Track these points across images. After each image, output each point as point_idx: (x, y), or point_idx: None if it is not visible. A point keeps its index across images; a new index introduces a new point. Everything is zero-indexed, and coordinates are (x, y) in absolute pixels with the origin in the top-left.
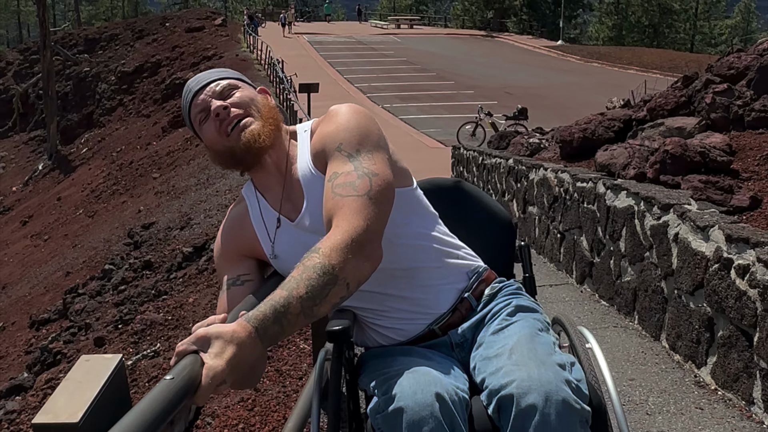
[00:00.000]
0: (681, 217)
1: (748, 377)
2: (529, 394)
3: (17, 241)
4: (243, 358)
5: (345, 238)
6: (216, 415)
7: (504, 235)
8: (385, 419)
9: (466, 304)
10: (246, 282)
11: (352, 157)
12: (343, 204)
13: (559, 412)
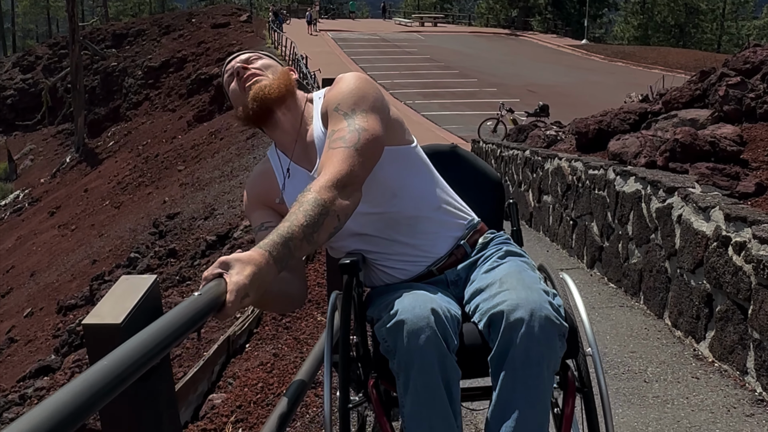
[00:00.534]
0: (684, 199)
1: (742, 348)
2: (517, 311)
3: (45, 231)
4: (261, 276)
5: (331, 179)
6: (237, 376)
7: (494, 193)
8: (388, 331)
9: (461, 250)
10: (269, 228)
11: (347, 115)
12: (333, 153)
13: (542, 325)
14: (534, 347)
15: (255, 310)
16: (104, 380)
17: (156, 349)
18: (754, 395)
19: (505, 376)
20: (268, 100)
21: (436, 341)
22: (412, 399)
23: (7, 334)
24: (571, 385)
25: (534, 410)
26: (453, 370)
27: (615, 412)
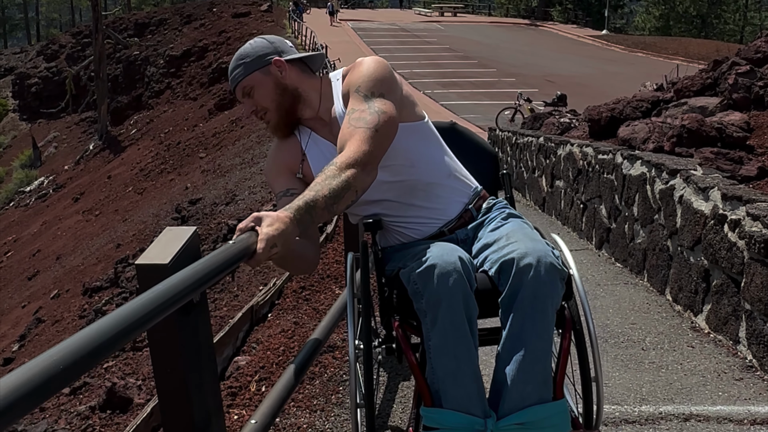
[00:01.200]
0: (686, 180)
1: (735, 320)
2: (526, 258)
3: (70, 216)
4: (287, 232)
5: (355, 157)
6: (260, 341)
7: (490, 165)
8: (419, 274)
9: (469, 213)
10: (294, 194)
11: (367, 98)
12: (355, 132)
13: (547, 270)
14: (541, 288)
15: (277, 282)
16: (152, 305)
17: (196, 284)
18: (744, 362)
19: (515, 313)
20: (287, 128)
21: (462, 282)
22: (440, 333)
23: (34, 314)
24: (568, 322)
25: (541, 341)
26: (474, 307)
27: (612, 375)
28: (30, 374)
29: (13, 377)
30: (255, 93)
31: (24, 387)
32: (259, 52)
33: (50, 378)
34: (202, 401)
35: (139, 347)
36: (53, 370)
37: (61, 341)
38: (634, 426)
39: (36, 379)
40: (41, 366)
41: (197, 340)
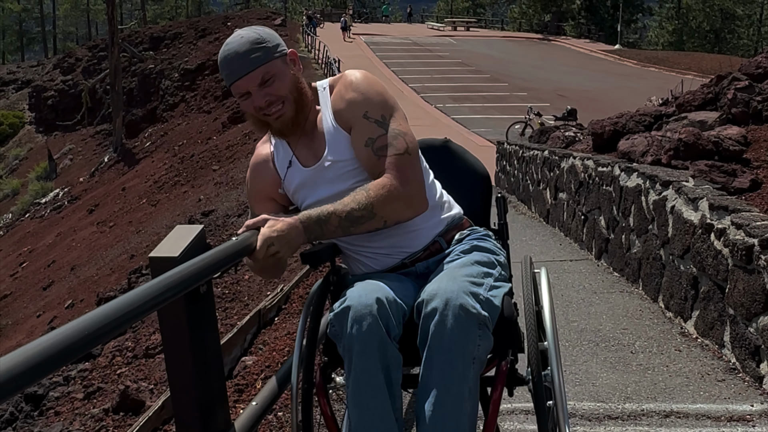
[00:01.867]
0: (678, 191)
1: (720, 324)
2: (433, 300)
3: (84, 228)
4: (288, 236)
5: (393, 190)
6: (267, 343)
7: (482, 187)
8: (336, 316)
9: (436, 245)
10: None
11: (380, 122)
12: (390, 162)
13: (455, 314)
14: (446, 335)
15: (284, 288)
16: (163, 290)
17: (202, 274)
18: (728, 365)
19: (425, 362)
20: (293, 129)
21: (376, 328)
22: (353, 380)
23: (49, 324)
24: (501, 375)
25: (449, 395)
26: (393, 356)
27: (599, 375)
28: (61, 337)
29: (48, 338)
30: (276, 83)
31: (57, 346)
32: (276, 40)
33: (77, 341)
34: (207, 384)
35: (151, 354)
36: (80, 335)
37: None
38: (617, 422)
39: (67, 341)
40: (72, 330)
41: (203, 327)
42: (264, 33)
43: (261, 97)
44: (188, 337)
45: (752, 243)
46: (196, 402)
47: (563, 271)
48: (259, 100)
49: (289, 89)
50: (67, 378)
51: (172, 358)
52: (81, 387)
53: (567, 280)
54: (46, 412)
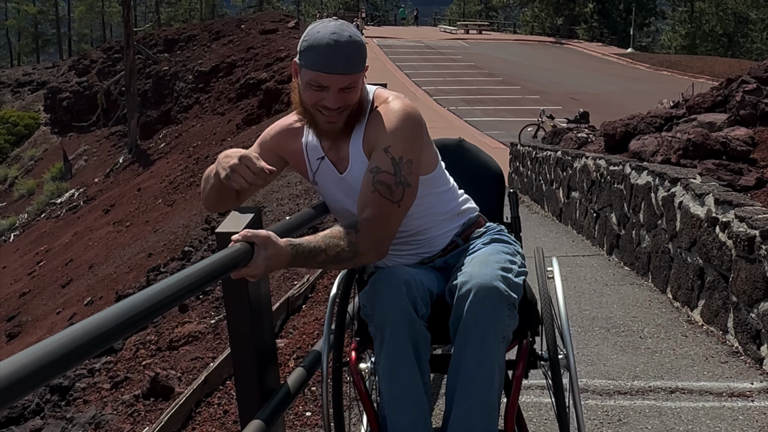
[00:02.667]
0: (685, 188)
1: (725, 312)
2: (468, 283)
3: (100, 228)
4: (278, 258)
5: (376, 236)
6: (296, 327)
7: (496, 183)
8: (368, 298)
9: (454, 244)
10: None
11: (395, 162)
12: (379, 204)
13: (488, 295)
14: (480, 314)
15: (310, 279)
16: (231, 258)
17: None
18: (731, 349)
19: (458, 339)
20: (336, 135)
21: (405, 307)
22: (385, 356)
23: (69, 320)
24: (523, 352)
25: (482, 370)
26: (421, 333)
27: (610, 357)
28: (145, 297)
29: (115, 308)
30: (353, 93)
31: (144, 304)
32: (365, 50)
33: (153, 305)
34: (261, 343)
35: (175, 346)
36: (154, 300)
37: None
38: (626, 396)
39: (154, 298)
40: (156, 290)
41: (260, 293)
42: (362, 41)
43: (335, 100)
44: (247, 301)
45: (754, 234)
46: (253, 361)
47: (576, 266)
48: (332, 102)
49: (354, 102)
50: (92, 370)
51: (234, 318)
52: (107, 378)
53: (579, 274)
54: (74, 401)
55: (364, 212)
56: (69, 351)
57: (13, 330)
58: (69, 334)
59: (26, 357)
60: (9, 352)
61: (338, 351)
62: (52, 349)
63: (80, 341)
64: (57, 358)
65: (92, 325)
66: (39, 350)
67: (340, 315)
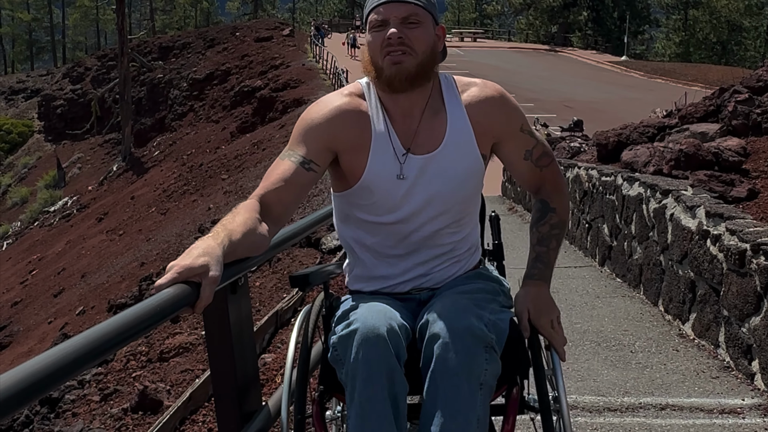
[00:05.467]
0: (677, 200)
1: (716, 326)
2: (436, 322)
3: (94, 236)
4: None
5: (566, 200)
6: (285, 342)
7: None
8: (339, 339)
9: (449, 282)
10: (311, 171)
11: (531, 133)
12: (553, 173)
13: (461, 336)
14: (451, 357)
15: (299, 291)
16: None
17: (241, 268)
18: (722, 363)
19: (428, 387)
20: (402, 86)
21: (385, 354)
22: (356, 411)
23: (60, 330)
24: (513, 403)
25: (456, 424)
26: (401, 384)
27: (600, 372)
28: (115, 324)
29: (106, 322)
30: (418, 30)
31: (108, 334)
32: (437, 7)
33: (129, 327)
34: (243, 366)
35: (165, 358)
36: (137, 320)
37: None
38: (616, 413)
39: (120, 327)
40: (126, 318)
41: (241, 313)
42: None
43: (397, 32)
44: (228, 323)
45: (745, 248)
46: (233, 381)
47: (567, 277)
48: (394, 33)
49: (422, 48)
50: (82, 382)
51: (214, 341)
52: (96, 390)
53: (571, 285)
54: (63, 414)
55: (544, 189)
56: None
57: (4, 340)
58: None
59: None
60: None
61: (301, 402)
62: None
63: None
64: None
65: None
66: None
67: (304, 361)
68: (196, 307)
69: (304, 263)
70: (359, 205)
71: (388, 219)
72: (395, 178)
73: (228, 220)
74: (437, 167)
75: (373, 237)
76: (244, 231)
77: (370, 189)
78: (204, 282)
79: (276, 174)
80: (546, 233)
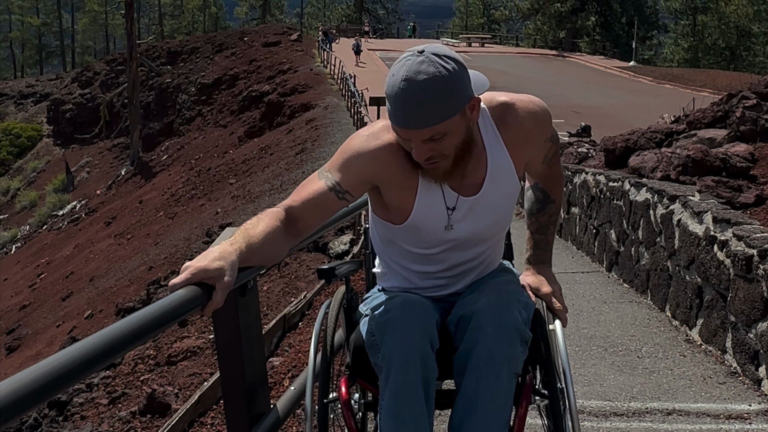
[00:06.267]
0: (684, 205)
1: (723, 331)
2: (484, 314)
3: (102, 240)
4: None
5: (563, 187)
6: (292, 345)
7: None
8: (378, 325)
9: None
10: (344, 200)
11: (552, 139)
12: (557, 166)
13: (506, 328)
14: (497, 348)
15: (307, 295)
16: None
17: (251, 271)
18: (729, 369)
19: (469, 374)
20: (442, 179)
21: (422, 341)
22: (391, 393)
23: (68, 333)
24: (527, 388)
25: (495, 407)
26: (433, 369)
27: (607, 377)
28: (129, 324)
29: (115, 326)
30: (445, 141)
31: (128, 331)
32: (462, 83)
33: (140, 328)
34: (252, 367)
35: (173, 362)
36: (146, 321)
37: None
38: (622, 418)
39: (131, 327)
40: (139, 318)
41: (250, 316)
42: (453, 77)
43: (423, 152)
44: (237, 325)
45: (752, 253)
46: (242, 383)
47: (574, 283)
48: (418, 155)
49: (455, 146)
50: (90, 385)
51: (223, 343)
52: (105, 393)
53: (578, 291)
54: (71, 417)
55: (548, 182)
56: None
57: (13, 343)
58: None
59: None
60: (8, 365)
61: (325, 385)
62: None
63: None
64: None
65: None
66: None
67: (327, 348)
68: (206, 309)
69: (312, 268)
70: (404, 237)
71: (434, 251)
72: (443, 227)
73: (250, 225)
74: (483, 205)
75: (418, 264)
76: (262, 241)
77: (417, 228)
78: (217, 286)
79: (308, 192)
80: (545, 222)
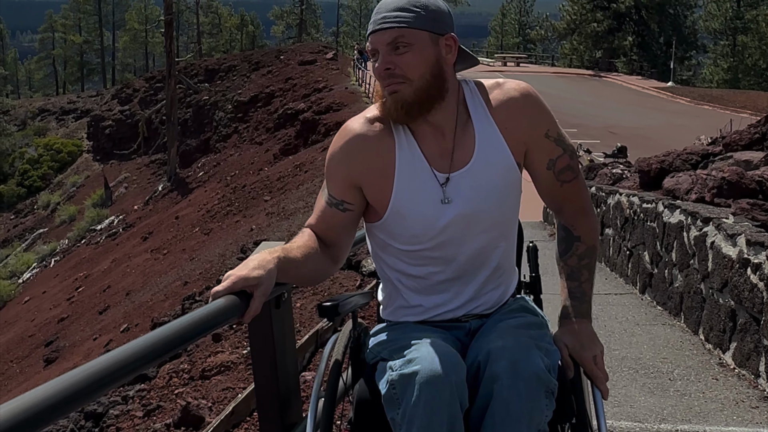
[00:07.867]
0: (717, 228)
1: (756, 355)
2: (499, 361)
3: (138, 255)
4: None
5: (592, 221)
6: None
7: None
8: (401, 377)
9: (496, 314)
10: (347, 210)
11: (558, 140)
12: (575, 190)
13: (526, 379)
14: (515, 401)
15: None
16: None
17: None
18: (763, 394)
19: (484, 430)
20: (400, 114)
21: (450, 400)
22: None
23: (105, 347)
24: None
25: None
26: (460, 430)
27: (638, 399)
28: (171, 330)
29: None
30: (407, 55)
31: (170, 336)
32: (441, 15)
33: (185, 333)
34: (285, 378)
35: (207, 376)
36: (186, 329)
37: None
38: None
39: (177, 332)
40: (181, 325)
41: (284, 327)
42: (433, 2)
43: (383, 63)
44: (272, 336)
45: None
46: (275, 394)
47: (607, 304)
48: (381, 65)
49: (420, 73)
50: (125, 397)
51: (258, 354)
52: (140, 405)
53: (611, 312)
54: (107, 429)
55: (566, 210)
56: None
57: (51, 355)
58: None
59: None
60: (46, 377)
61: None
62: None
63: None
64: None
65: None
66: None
67: (330, 396)
68: (245, 317)
69: (345, 285)
70: (395, 234)
71: (429, 245)
72: (432, 209)
73: (291, 241)
74: (471, 183)
75: (417, 266)
76: (302, 256)
77: (401, 214)
78: (255, 293)
79: (317, 214)
80: (575, 266)
